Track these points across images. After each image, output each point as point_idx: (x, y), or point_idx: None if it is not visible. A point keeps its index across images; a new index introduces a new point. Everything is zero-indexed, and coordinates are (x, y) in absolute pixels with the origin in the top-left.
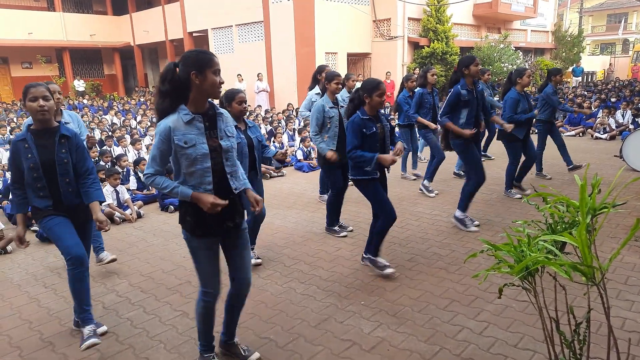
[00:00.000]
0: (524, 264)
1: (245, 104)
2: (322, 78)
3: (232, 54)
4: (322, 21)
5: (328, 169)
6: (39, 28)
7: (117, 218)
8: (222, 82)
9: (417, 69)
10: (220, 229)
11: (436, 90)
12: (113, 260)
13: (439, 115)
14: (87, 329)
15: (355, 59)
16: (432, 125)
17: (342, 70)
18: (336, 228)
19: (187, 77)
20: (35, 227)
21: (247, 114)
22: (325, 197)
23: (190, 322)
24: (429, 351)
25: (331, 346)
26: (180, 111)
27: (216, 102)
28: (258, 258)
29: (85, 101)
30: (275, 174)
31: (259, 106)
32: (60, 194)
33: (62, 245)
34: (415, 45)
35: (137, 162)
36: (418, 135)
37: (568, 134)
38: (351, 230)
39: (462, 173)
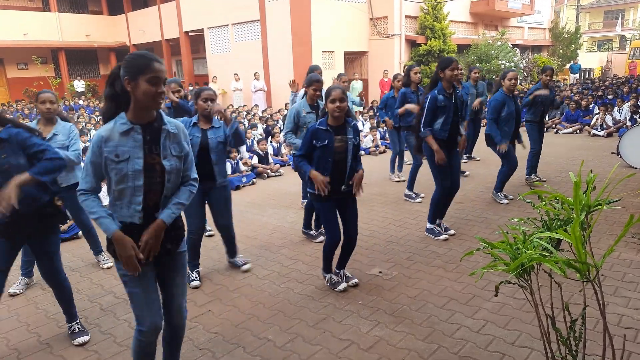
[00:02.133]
0: (519, 262)
1: (212, 102)
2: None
3: (228, 53)
4: (319, 20)
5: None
6: (34, 28)
7: None
8: (161, 92)
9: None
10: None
11: (421, 89)
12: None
13: (421, 125)
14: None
15: (353, 58)
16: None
17: (339, 69)
18: (312, 232)
19: (122, 82)
20: None
21: (245, 113)
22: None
23: (188, 323)
24: (427, 350)
25: (329, 346)
26: (117, 120)
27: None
28: (246, 263)
29: (81, 102)
30: (273, 174)
31: (256, 105)
32: None
33: None
34: (412, 43)
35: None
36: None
37: (565, 131)
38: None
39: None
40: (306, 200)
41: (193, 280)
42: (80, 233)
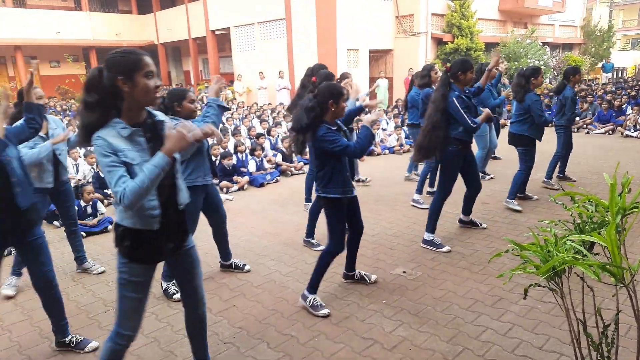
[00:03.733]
0: (550, 264)
1: (198, 103)
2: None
3: (253, 51)
4: (344, 18)
5: None
6: (66, 27)
7: None
8: (158, 85)
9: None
10: (161, 253)
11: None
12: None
13: (470, 123)
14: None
15: (377, 56)
16: None
17: (364, 68)
18: (313, 241)
19: (113, 84)
20: (56, 223)
21: (269, 111)
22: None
23: (214, 318)
24: (452, 351)
25: (352, 344)
26: (115, 125)
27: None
28: (245, 265)
29: None
30: (297, 172)
31: (281, 104)
32: None
33: None
34: (438, 42)
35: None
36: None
37: (597, 131)
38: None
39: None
40: (310, 204)
41: (174, 294)
42: (110, 227)
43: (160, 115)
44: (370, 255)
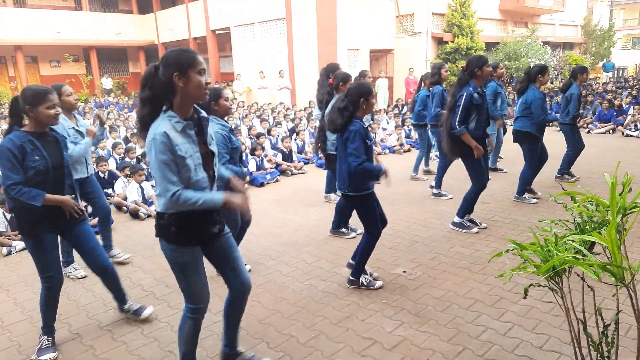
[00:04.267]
0: (551, 264)
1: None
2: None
3: (254, 51)
4: (345, 17)
5: None
6: (66, 27)
7: (141, 214)
8: (208, 83)
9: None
10: (206, 236)
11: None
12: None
13: (455, 122)
14: None
15: (378, 55)
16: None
17: (364, 67)
18: (343, 230)
19: (169, 80)
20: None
21: (270, 111)
22: (331, 196)
23: (213, 317)
24: (452, 351)
25: (352, 344)
26: (170, 119)
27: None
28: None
29: (110, 99)
30: (297, 171)
31: (281, 103)
32: None
33: None
34: (439, 41)
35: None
36: (431, 135)
37: (598, 131)
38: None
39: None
40: (330, 195)
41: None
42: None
43: (204, 112)
44: (371, 255)
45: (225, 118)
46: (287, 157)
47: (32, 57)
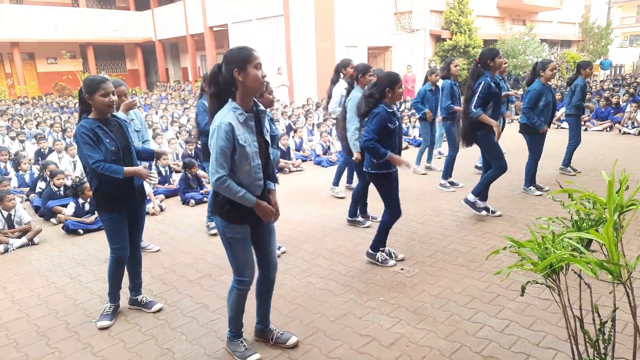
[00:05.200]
0: (548, 261)
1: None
2: (348, 72)
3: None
4: (343, 14)
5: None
6: (63, 24)
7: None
8: (265, 76)
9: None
10: (255, 218)
11: (457, 83)
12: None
13: (472, 107)
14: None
15: (376, 53)
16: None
17: None
18: (359, 219)
19: (230, 75)
20: (53, 220)
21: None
22: (337, 189)
23: (211, 315)
24: (449, 348)
25: (350, 341)
26: (234, 110)
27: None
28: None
29: None
30: (295, 169)
31: (278, 100)
32: None
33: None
34: (437, 38)
35: (158, 157)
36: (440, 127)
37: (595, 128)
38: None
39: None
40: (336, 187)
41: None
42: None
43: (262, 106)
44: None
45: (268, 110)
46: (285, 154)
47: (29, 53)
